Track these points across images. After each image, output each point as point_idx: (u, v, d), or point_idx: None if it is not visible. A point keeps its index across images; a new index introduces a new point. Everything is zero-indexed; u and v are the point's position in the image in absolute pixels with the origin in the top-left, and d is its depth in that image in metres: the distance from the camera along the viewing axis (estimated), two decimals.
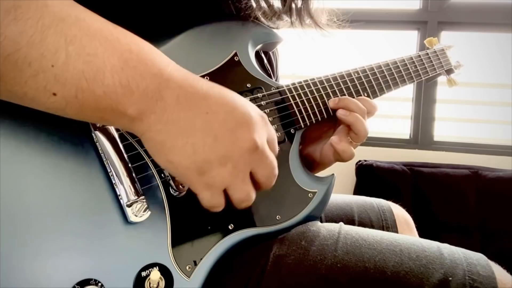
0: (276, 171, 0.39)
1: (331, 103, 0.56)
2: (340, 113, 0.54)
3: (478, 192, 1.42)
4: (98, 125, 0.38)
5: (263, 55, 0.61)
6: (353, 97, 0.58)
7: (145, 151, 0.41)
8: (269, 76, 0.61)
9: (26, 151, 0.35)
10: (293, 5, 0.55)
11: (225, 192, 0.37)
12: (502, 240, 1.36)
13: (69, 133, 0.38)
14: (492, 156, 1.55)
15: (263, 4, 0.54)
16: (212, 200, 0.36)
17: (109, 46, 0.31)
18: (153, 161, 0.40)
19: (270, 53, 0.63)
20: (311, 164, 0.60)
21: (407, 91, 1.67)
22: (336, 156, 0.55)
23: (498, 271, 0.43)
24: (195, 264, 0.40)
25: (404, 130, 1.70)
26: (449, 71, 0.77)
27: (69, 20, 0.30)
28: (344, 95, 0.58)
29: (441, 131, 1.66)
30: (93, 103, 0.31)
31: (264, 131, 0.37)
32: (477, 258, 0.45)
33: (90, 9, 0.33)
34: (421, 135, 1.65)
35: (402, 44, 1.72)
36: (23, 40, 0.28)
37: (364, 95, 0.60)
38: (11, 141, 0.34)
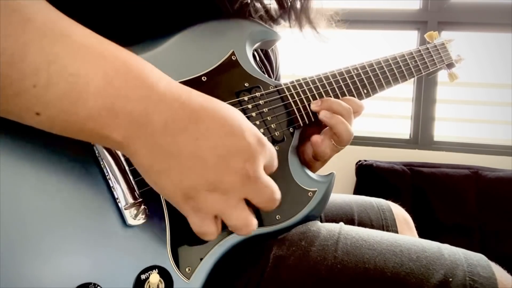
0: (277, 195, 0.36)
1: (314, 105, 0.53)
2: (323, 114, 0.52)
3: (478, 192, 1.42)
4: None
5: (259, 53, 0.61)
6: (353, 95, 0.58)
7: None
8: (267, 74, 0.60)
9: (24, 154, 0.34)
10: (292, 9, 0.54)
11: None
12: (502, 240, 1.36)
13: (67, 136, 0.37)
14: (492, 156, 1.55)
15: (259, 5, 0.53)
16: (202, 226, 0.34)
17: (93, 64, 0.29)
18: None
19: (269, 51, 0.63)
20: None
21: (407, 91, 1.67)
22: (314, 156, 0.53)
23: (498, 272, 0.43)
24: (195, 266, 0.40)
25: (404, 130, 1.70)
26: (450, 65, 0.75)
27: (52, 37, 0.28)
28: (343, 92, 0.57)
29: (441, 131, 1.66)
30: (77, 125, 0.30)
31: (261, 157, 0.35)
32: (477, 258, 0.45)
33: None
34: (421, 135, 1.65)
35: (402, 44, 1.72)
36: (3, 59, 0.26)
37: (364, 92, 0.59)
38: (10, 145, 0.34)
